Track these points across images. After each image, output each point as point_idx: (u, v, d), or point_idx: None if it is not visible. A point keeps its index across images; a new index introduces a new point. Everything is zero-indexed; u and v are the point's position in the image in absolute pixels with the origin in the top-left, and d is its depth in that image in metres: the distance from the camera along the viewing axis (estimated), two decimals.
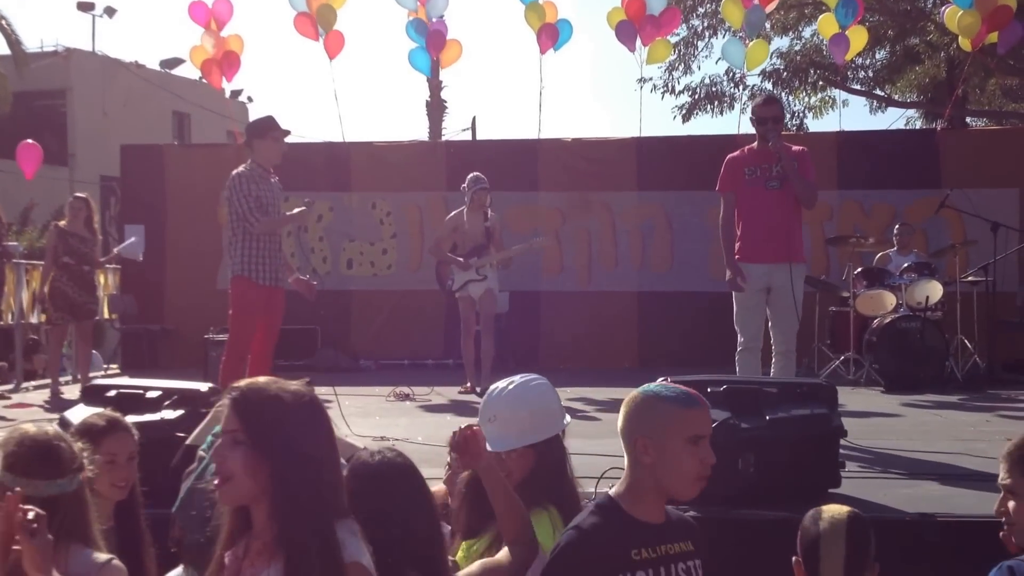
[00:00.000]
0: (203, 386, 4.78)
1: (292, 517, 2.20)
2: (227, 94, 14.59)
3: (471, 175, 8.81)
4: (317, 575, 2.17)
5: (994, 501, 3.03)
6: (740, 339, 6.41)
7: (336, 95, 32.76)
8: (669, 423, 2.46)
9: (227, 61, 11.75)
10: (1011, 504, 2.54)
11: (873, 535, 2.74)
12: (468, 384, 8.75)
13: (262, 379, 2.36)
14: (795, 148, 6.53)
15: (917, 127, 22.49)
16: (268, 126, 6.79)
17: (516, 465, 3.07)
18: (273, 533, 2.22)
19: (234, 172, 6.75)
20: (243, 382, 2.33)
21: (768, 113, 6.43)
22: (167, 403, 4.53)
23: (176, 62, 26.81)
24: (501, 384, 3.16)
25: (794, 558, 2.76)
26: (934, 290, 9.32)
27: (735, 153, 6.62)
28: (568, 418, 3.22)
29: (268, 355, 6.62)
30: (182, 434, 4.26)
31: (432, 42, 12.14)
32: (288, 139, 6.97)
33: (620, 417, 2.54)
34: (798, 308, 6.30)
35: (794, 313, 6.30)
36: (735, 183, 6.51)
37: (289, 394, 2.31)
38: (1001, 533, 2.71)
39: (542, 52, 12.04)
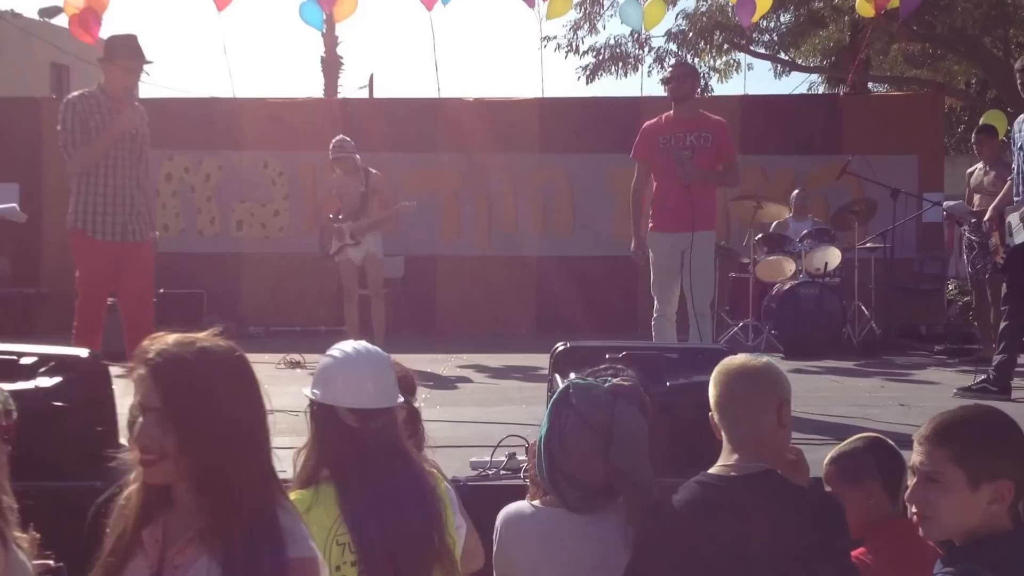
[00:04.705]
0: (83, 352, 4.37)
1: (232, 506, 1.91)
2: None
3: (333, 140, 8.50)
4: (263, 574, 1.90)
5: None
6: (655, 306, 6.59)
7: (225, 48, 31.40)
8: None
9: (94, 15, 11.11)
10: (930, 493, 2.21)
11: None
12: None
13: (176, 340, 1.99)
14: (714, 118, 6.70)
15: (821, 92, 22.68)
16: (120, 50, 5.84)
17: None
18: (205, 522, 1.93)
19: (66, 97, 5.93)
20: (156, 345, 1.97)
21: (668, 75, 7.02)
22: (43, 370, 4.11)
23: (55, 11, 25.49)
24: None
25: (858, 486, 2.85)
26: (832, 256, 9.35)
27: (651, 120, 6.77)
28: (387, 401, 2.67)
29: (144, 323, 5.68)
30: (60, 403, 3.93)
31: None
32: (174, 95, 6.20)
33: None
34: (710, 272, 6.63)
35: (705, 277, 6.56)
36: (649, 151, 6.67)
37: (215, 357, 1.98)
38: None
39: (428, 8, 11.63)
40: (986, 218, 7.07)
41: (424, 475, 2.66)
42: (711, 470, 2.53)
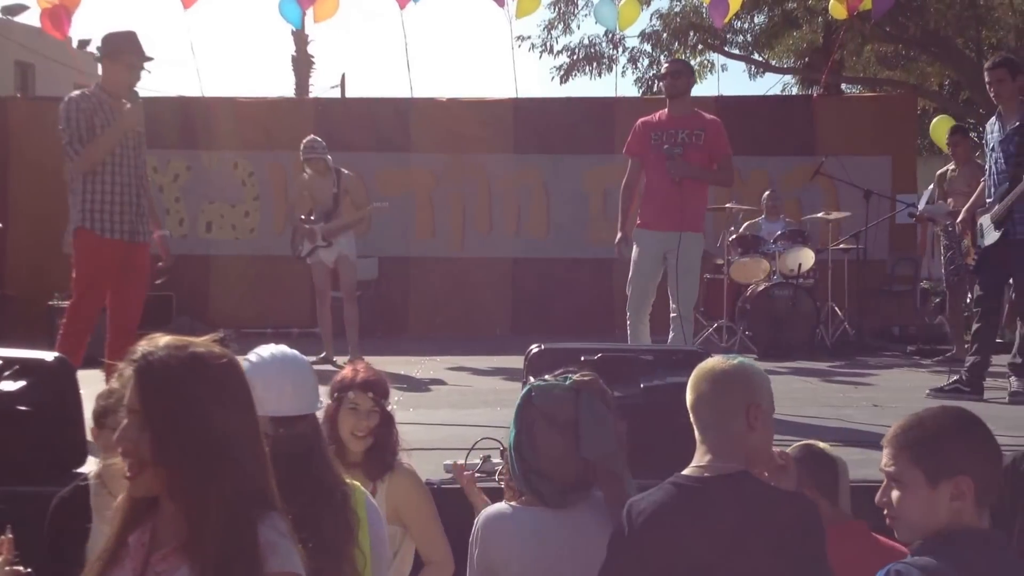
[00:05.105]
0: (48, 355, 4.30)
1: (205, 520, 1.84)
2: (74, 44, 13.62)
3: (304, 140, 8.39)
4: None
5: (860, 466, 3.05)
6: (629, 303, 6.47)
7: (192, 47, 30.95)
8: None
9: (66, 12, 10.94)
10: (895, 494, 2.23)
11: None
12: (324, 354, 8.36)
13: (166, 343, 1.92)
14: (708, 117, 6.63)
15: (794, 93, 22.74)
16: (122, 47, 5.69)
17: None
18: (185, 533, 1.87)
19: (67, 96, 5.76)
20: (146, 347, 1.90)
21: (663, 71, 6.85)
22: (7, 373, 4.07)
23: (19, 8, 25.15)
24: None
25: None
26: (806, 258, 9.37)
27: (647, 116, 6.66)
28: (306, 408, 2.66)
29: (131, 328, 5.57)
30: (24, 407, 3.88)
31: None
32: (142, 94, 5.92)
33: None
34: (696, 276, 6.51)
35: (691, 280, 6.44)
36: (641, 148, 6.57)
37: (204, 365, 1.90)
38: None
39: (401, 7, 11.55)
40: (958, 220, 7.09)
41: (337, 486, 2.61)
42: (685, 471, 2.52)
